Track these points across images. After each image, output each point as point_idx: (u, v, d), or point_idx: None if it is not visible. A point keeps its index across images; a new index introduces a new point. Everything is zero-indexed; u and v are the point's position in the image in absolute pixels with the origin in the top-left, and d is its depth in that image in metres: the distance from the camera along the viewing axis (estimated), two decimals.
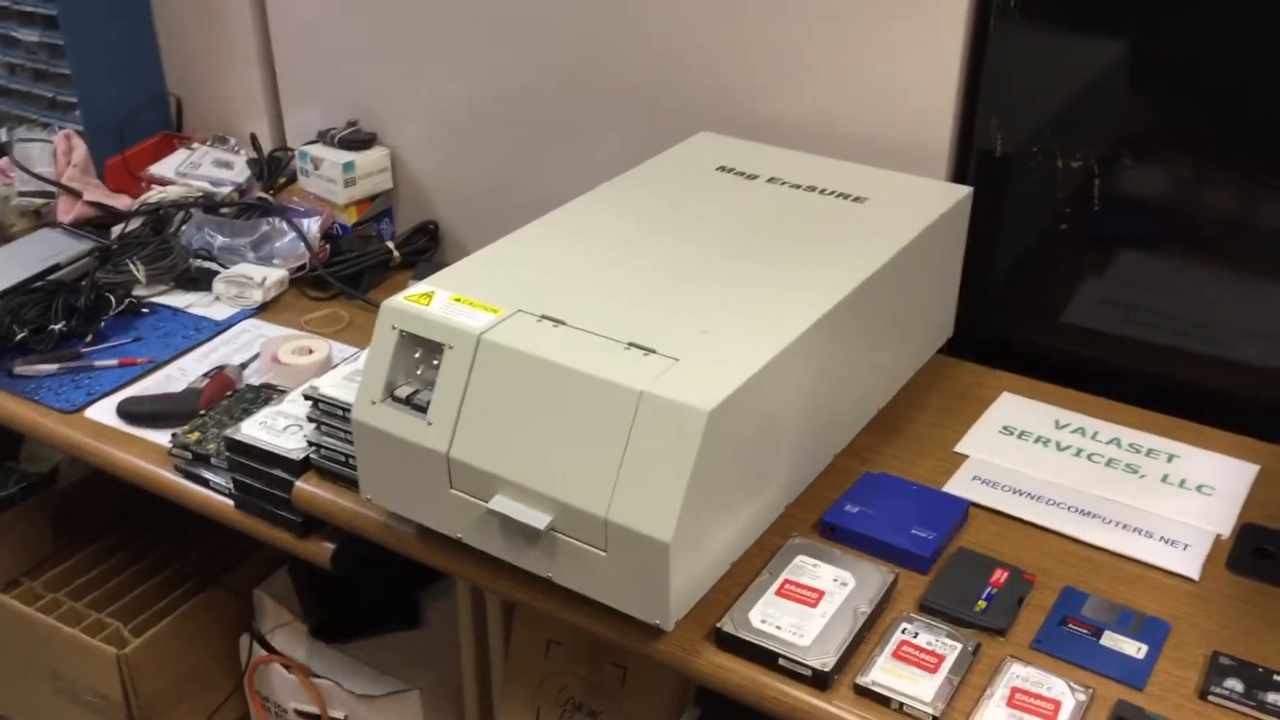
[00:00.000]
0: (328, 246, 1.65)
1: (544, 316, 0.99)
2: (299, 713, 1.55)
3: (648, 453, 0.89)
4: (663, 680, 1.24)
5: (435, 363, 1.00)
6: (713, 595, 0.96)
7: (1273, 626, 0.94)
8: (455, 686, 1.42)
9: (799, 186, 1.23)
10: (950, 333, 1.30)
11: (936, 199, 1.21)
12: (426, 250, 1.71)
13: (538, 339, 0.97)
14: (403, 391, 1.02)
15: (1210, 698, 0.87)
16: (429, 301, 1.02)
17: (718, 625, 0.93)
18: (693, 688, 1.21)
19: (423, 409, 1.00)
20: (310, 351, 1.36)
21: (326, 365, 1.35)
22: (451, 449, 0.97)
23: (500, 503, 0.95)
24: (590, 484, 0.91)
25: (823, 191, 1.22)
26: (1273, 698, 0.86)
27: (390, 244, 1.67)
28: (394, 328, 1.02)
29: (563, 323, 0.98)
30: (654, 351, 0.94)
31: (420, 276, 1.58)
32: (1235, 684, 0.88)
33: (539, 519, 0.93)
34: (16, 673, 1.68)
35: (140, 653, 1.55)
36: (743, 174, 1.27)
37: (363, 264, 1.63)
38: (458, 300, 1.02)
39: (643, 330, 0.97)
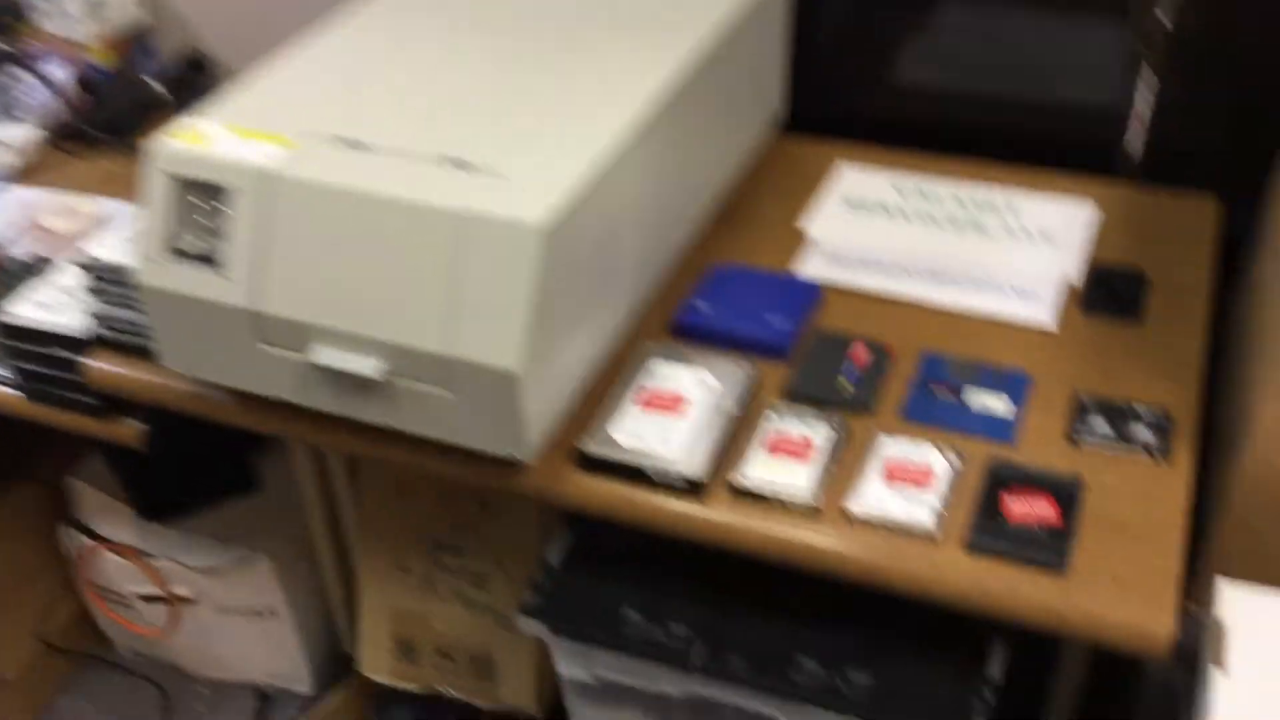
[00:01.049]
0: (90, 97, 1.45)
1: (341, 140, 0.87)
2: (142, 597, 1.45)
3: (483, 279, 0.80)
4: (527, 505, 1.19)
5: (221, 207, 0.87)
6: (570, 416, 0.90)
7: (1130, 361, 0.94)
8: (308, 548, 1.35)
9: None
10: (781, 110, 1.24)
11: None
12: (199, 86, 1.52)
13: (337, 167, 0.85)
14: (189, 244, 0.89)
15: (1078, 440, 0.87)
16: (203, 139, 0.89)
17: (579, 447, 0.87)
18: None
19: (213, 260, 0.88)
20: (77, 213, 1.19)
21: (100, 227, 1.19)
22: (255, 301, 0.87)
23: (323, 354, 0.86)
24: (423, 320, 0.82)
25: None
26: (1137, 430, 0.87)
27: (154, 83, 1.48)
28: (165, 173, 0.88)
29: (363, 145, 0.87)
30: (470, 166, 0.84)
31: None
32: (1099, 422, 0.88)
33: (371, 366, 0.84)
34: None
35: None
36: None
37: (127, 109, 1.45)
38: (236, 133, 0.89)
39: (454, 143, 0.86)
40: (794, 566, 0.82)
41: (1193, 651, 0.75)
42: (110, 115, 1.43)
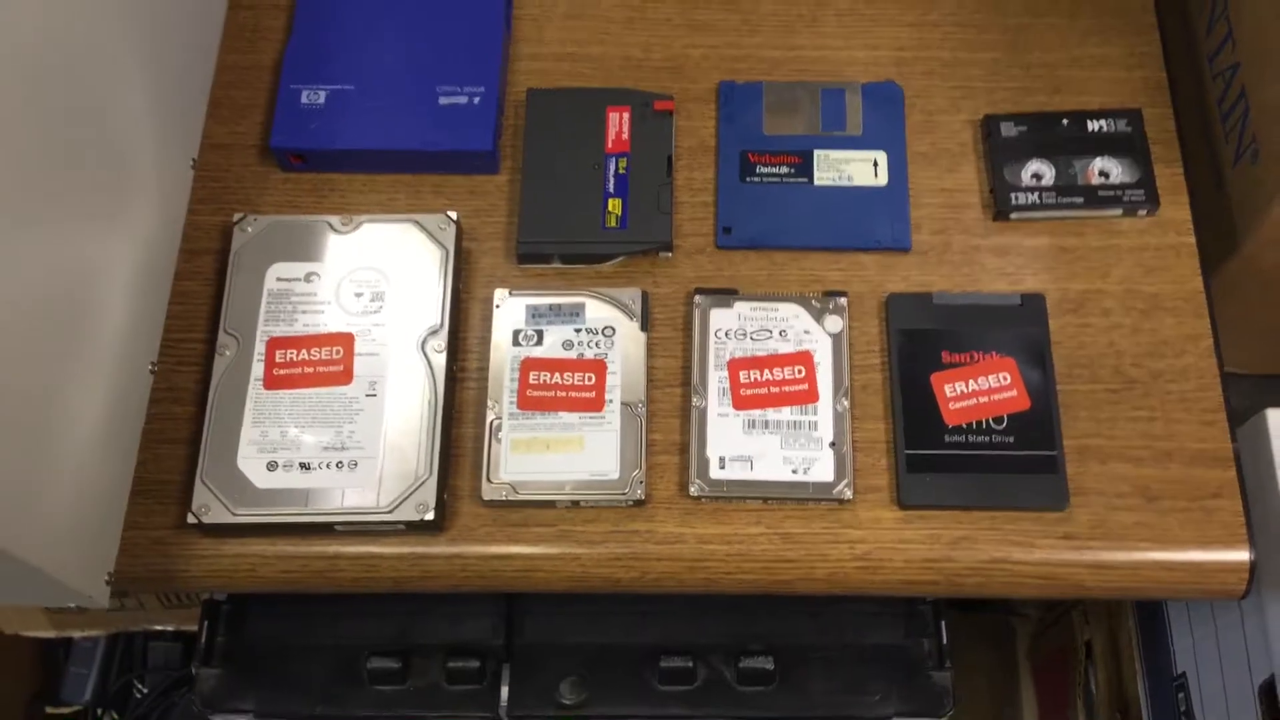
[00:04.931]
0: None
1: None
2: None
3: None
4: None
5: None
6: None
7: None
8: None
9: None
10: None
11: None
12: None
13: None
14: None
15: (1007, 208, 0.52)
16: None
17: (186, 519, 0.47)
18: None
19: None
20: None
21: None
22: None
23: None
24: None
25: None
26: (1096, 171, 0.52)
27: None
28: None
29: None
30: None
31: None
32: (1036, 168, 0.52)
33: None
34: None
35: None
36: None
37: None
38: None
39: None
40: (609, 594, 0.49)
41: None
42: None
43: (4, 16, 0.38)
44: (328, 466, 0.47)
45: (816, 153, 0.53)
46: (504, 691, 0.54)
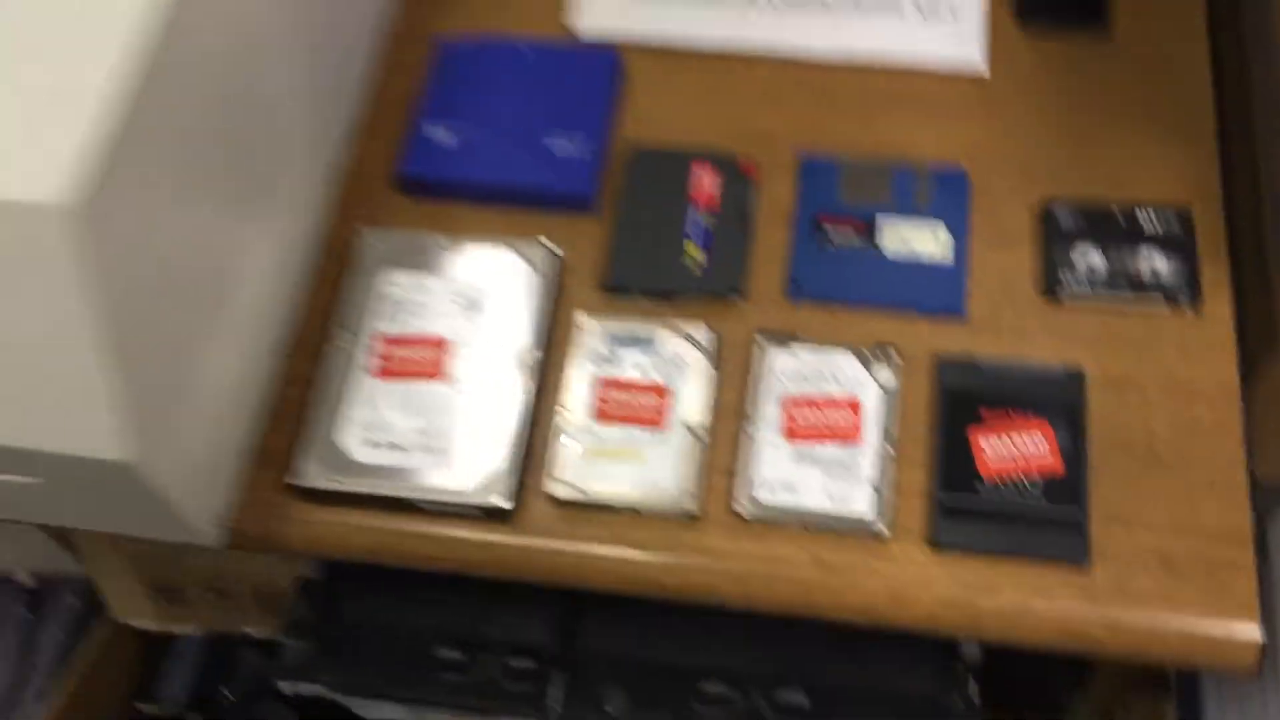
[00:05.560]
0: None
1: None
2: None
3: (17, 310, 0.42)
4: None
5: None
6: (276, 410, 0.55)
7: (1106, 115, 0.61)
8: None
9: None
10: None
11: None
12: None
13: None
14: None
15: (1058, 292, 0.57)
16: None
17: (288, 480, 0.53)
18: None
19: None
20: None
21: None
22: None
23: None
24: None
25: None
26: (1146, 257, 0.57)
27: None
28: None
29: None
30: None
31: None
32: (1086, 251, 0.57)
33: None
34: None
35: None
36: None
37: None
38: None
39: None
40: (671, 603, 0.54)
41: None
42: None
43: (203, 23, 0.46)
44: (418, 450, 0.52)
45: (884, 224, 0.58)
46: (555, 694, 0.58)
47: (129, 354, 0.42)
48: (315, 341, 0.57)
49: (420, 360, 0.55)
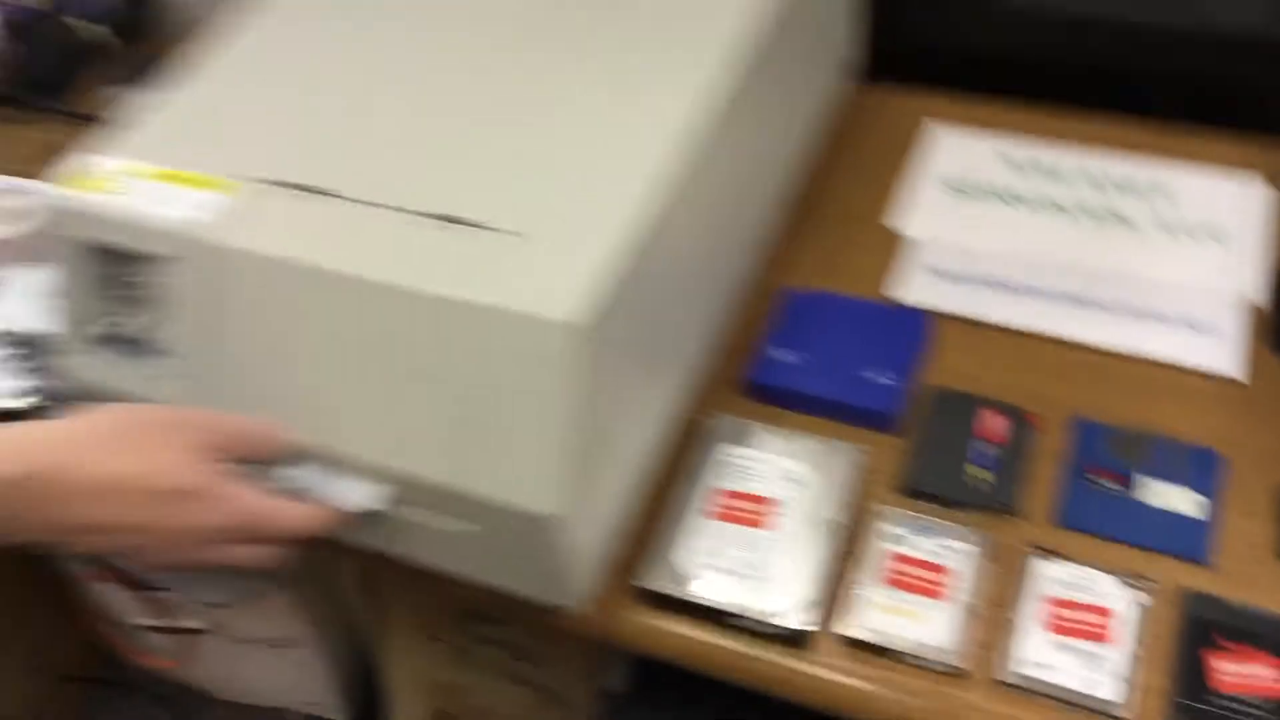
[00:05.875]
0: (21, 45, 1.20)
1: (294, 186, 0.65)
2: (152, 628, 1.27)
3: (502, 390, 0.59)
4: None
5: (147, 280, 0.66)
6: (627, 531, 0.70)
7: None
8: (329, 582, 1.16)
9: None
10: (852, 54, 0.98)
11: None
12: (135, 22, 1.26)
13: (297, 228, 0.63)
14: (114, 326, 0.68)
15: None
16: (114, 186, 0.66)
17: (633, 582, 0.67)
18: None
19: (147, 347, 0.67)
20: (17, 215, 0.92)
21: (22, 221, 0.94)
22: (199, 402, 0.65)
23: (289, 475, 0.65)
24: (424, 441, 0.61)
25: None
26: None
27: (91, 24, 1.23)
28: (70, 239, 0.66)
29: (323, 191, 0.64)
30: (467, 223, 0.62)
31: (128, 76, 1.16)
32: None
33: (367, 495, 0.63)
34: None
35: None
36: None
37: (58, 62, 1.20)
38: (157, 176, 0.67)
39: (441, 188, 0.64)
40: None
41: None
42: (44, 68, 1.19)
43: (683, 219, 0.65)
44: (738, 575, 0.66)
45: (1144, 482, 0.70)
46: None
47: (583, 426, 0.59)
48: (663, 486, 0.72)
49: (751, 512, 0.69)
